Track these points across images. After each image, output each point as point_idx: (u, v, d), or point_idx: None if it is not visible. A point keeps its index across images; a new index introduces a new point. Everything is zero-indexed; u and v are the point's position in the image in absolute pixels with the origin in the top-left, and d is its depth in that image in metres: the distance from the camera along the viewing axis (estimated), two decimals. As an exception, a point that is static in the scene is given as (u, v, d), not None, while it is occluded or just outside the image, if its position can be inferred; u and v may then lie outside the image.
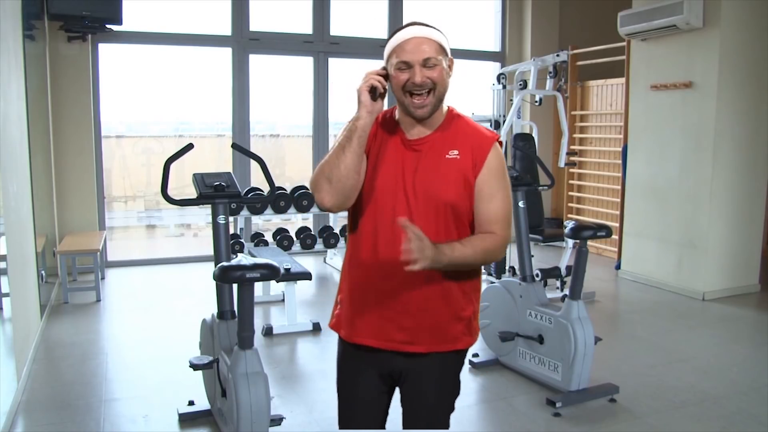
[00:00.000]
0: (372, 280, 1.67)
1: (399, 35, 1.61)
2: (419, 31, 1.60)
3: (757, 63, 5.21)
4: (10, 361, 3.21)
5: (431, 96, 1.60)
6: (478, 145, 1.65)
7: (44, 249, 4.94)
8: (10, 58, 3.63)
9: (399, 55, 1.58)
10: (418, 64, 1.57)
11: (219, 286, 2.86)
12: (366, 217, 1.67)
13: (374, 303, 1.68)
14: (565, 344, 3.23)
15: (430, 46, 1.58)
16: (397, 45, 1.60)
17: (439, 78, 1.59)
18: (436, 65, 1.59)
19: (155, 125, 7.36)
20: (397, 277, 1.62)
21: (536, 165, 5.15)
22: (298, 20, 6.77)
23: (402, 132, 1.68)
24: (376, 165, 1.66)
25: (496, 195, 1.65)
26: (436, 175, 1.62)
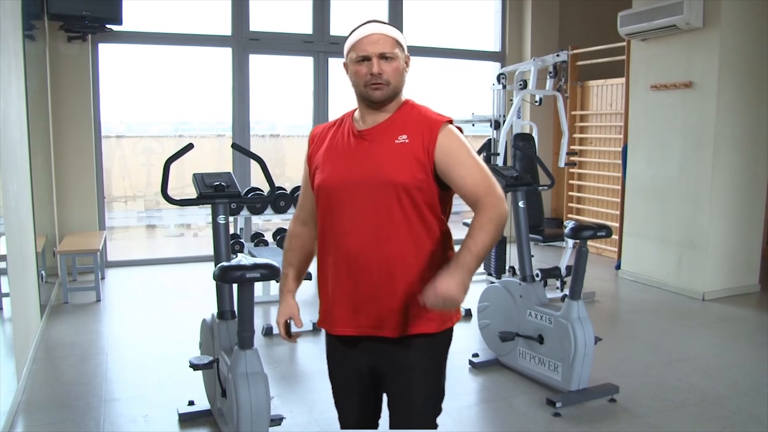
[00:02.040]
0: (337, 272, 1.73)
1: (357, 32, 1.70)
2: (376, 27, 1.69)
3: (757, 63, 5.21)
4: (10, 361, 3.21)
5: (387, 87, 1.68)
6: (427, 128, 1.68)
7: (44, 249, 4.94)
8: (10, 58, 3.63)
9: (357, 49, 1.68)
10: (375, 57, 1.66)
11: (219, 286, 2.86)
12: (325, 213, 1.74)
13: (341, 293, 1.73)
14: (565, 344, 3.23)
15: (386, 41, 1.67)
16: (356, 40, 1.69)
17: (393, 73, 1.67)
18: (392, 59, 1.67)
19: (155, 125, 7.36)
20: (358, 265, 1.68)
21: (536, 165, 5.15)
22: (298, 20, 6.77)
23: (353, 127, 1.75)
24: (327, 161, 1.74)
25: (462, 163, 1.64)
26: (386, 160, 1.66)
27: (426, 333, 1.71)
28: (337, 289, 1.74)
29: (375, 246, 1.67)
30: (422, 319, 1.70)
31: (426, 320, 1.70)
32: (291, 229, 1.94)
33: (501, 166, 5.04)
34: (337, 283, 1.74)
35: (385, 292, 1.68)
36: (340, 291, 1.74)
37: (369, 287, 1.69)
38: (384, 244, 1.66)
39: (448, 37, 7.48)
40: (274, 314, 4.84)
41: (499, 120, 5.87)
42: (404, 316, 1.69)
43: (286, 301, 1.87)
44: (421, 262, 1.69)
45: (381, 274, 1.68)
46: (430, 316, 1.70)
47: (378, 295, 1.69)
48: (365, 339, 1.74)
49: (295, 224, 1.93)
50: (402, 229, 1.66)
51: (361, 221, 1.67)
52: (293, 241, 1.92)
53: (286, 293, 1.89)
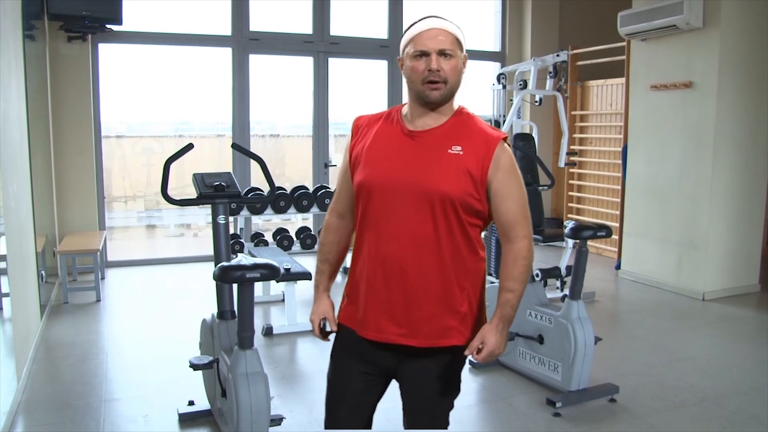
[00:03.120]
0: (372, 274, 1.68)
1: (417, 26, 1.64)
2: (437, 22, 1.63)
3: (757, 63, 5.21)
4: (10, 361, 3.21)
5: (445, 86, 1.62)
6: (483, 143, 1.64)
7: (44, 249, 4.94)
8: (10, 58, 3.63)
9: (416, 44, 1.61)
10: (435, 53, 1.60)
11: (219, 286, 2.86)
12: (366, 212, 1.69)
13: (374, 296, 1.69)
14: (565, 344, 3.23)
15: (446, 37, 1.61)
16: (415, 35, 1.63)
17: (450, 71, 1.61)
18: (452, 56, 1.61)
19: (155, 125, 7.36)
20: (394, 271, 1.64)
21: (536, 165, 5.15)
22: (298, 20, 6.77)
23: (403, 124, 1.68)
24: (370, 156, 1.68)
25: (511, 193, 1.66)
26: (435, 168, 1.62)
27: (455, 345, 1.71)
28: (370, 292, 1.69)
29: (414, 254, 1.63)
30: (453, 331, 1.69)
31: (456, 332, 1.70)
32: (327, 221, 1.86)
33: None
34: (371, 286, 1.69)
35: (420, 302, 1.65)
36: (372, 295, 1.69)
37: (404, 295, 1.65)
38: (424, 253, 1.63)
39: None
40: (275, 314, 4.84)
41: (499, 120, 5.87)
42: (435, 328, 1.67)
43: (321, 300, 1.83)
44: (458, 275, 1.67)
45: (417, 284, 1.64)
46: (460, 329, 1.70)
47: (412, 304, 1.65)
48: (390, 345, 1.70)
49: (331, 216, 1.85)
50: (443, 240, 1.63)
51: (403, 227, 1.62)
52: (330, 235, 1.85)
53: (322, 291, 1.84)
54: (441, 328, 1.68)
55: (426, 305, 1.66)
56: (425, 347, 1.68)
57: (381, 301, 1.67)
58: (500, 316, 1.65)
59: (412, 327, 1.67)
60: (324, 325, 1.82)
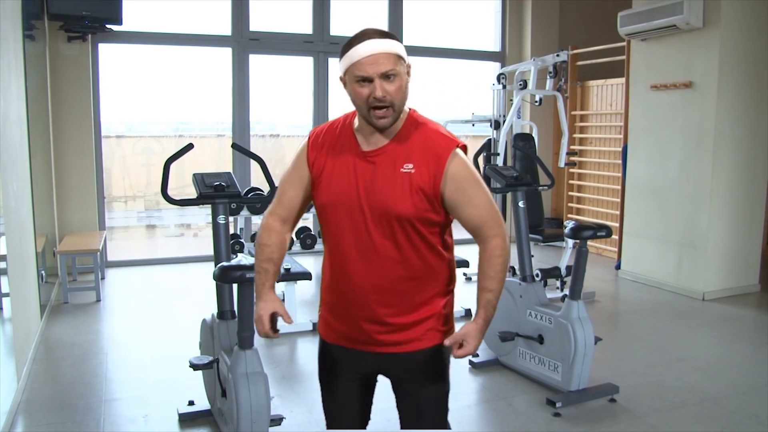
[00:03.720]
0: (340, 287, 1.71)
1: (357, 50, 1.57)
2: (376, 45, 1.57)
3: (757, 63, 5.21)
4: (10, 361, 3.21)
5: (391, 109, 1.59)
6: (434, 156, 1.62)
7: (44, 249, 4.94)
8: (10, 58, 3.63)
9: (358, 70, 1.57)
10: (378, 78, 1.57)
11: (219, 286, 2.86)
12: (328, 230, 1.71)
13: (344, 309, 1.72)
14: (565, 344, 3.23)
15: (388, 59, 1.57)
16: (356, 61, 1.57)
17: (398, 91, 1.59)
18: (395, 76, 1.58)
19: (155, 125, 7.37)
20: (366, 288, 1.66)
21: (536, 165, 5.15)
22: (298, 20, 6.77)
23: (357, 144, 1.67)
24: (331, 178, 1.68)
25: (473, 199, 1.65)
26: (390, 190, 1.61)
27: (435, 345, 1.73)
28: (345, 307, 1.72)
29: (383, 271, 1.65)
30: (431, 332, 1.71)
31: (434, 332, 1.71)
32: (268, 223, 1.80)
33: (501, 166, 5.04)
34: (346, 301, 1.71)
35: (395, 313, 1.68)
36: (348, 309, 1.71)
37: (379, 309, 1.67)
38: (392, 269, 1.65)
39: (448, 37, 7.48)
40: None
41: (499, 120, 5.87)
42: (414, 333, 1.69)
43: (269, 297, 1.77)
44: (427, 280, 1.70)
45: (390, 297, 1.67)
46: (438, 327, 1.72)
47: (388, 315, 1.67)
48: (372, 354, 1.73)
49: (273, 219, 1.80)
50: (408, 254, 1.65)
51: (367, 246, 1.64)
52: (273, 236, 1.79)
53: (269, 289, 1.78)
54: (419, 331, 1.70)
55: (402, 315, 1.68)
56: (407, 352, 1.70)
57: (358, 315, 1.69)
58: (484, 318, 1.67)
59: (391, 336, 1.69)
60: (275, 320, 1.78)
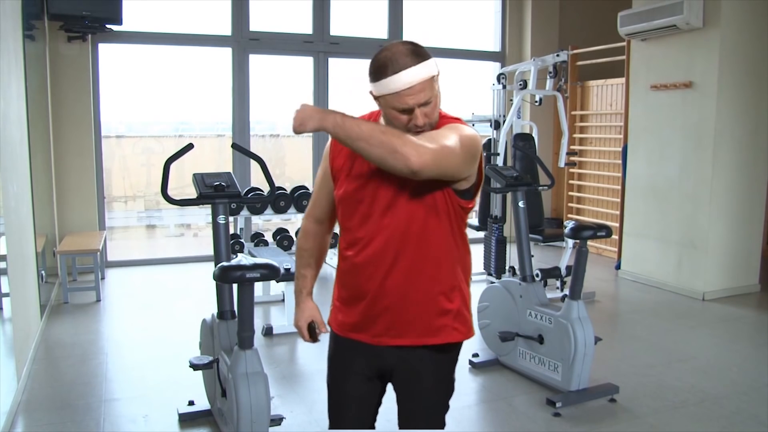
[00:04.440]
0: (358, 277, 1.69)
1: (394, 81, 1.52)
2: (415, 75, 1.52)
3: (757, 63, 5.21)
4: (10, 361, 3.21)
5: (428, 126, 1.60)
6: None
7: (44, 249, 4.94)
8: (10, 58, 3.63)
9: (398, 101, 1.54)
10: (418, 108, 1.56)
11: (219, 286, 2.86)
12: (347, 222, 1.70)
13: (361, 300, 1.69)
14: (565, 344, 3.23)
15: (427, 87, 1.55)
16: (396, 91, 1.53)
17: (434, 109, 1.59)
18: (432, 99, 1.57)
19: (155, 125, 7.37)
20: (381, 273, 1.64)
21: (536, 165, 5.15)
22: (298, 20, 6.77)
23: None
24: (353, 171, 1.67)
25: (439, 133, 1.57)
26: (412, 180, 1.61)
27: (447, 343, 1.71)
28: (361, 297, 1.69)
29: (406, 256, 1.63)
30: (446, 327, 1.70)
31: (450, 329, 1.70)
32: (306, 226, 1.87)
33: (501, 166, 5.04)
34: (362, 291, 1.68)
35: (414, 302, 1.66)
36: (364, 299, 1.69)
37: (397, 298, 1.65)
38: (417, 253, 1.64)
39: (448, 37, 7.48)
40: (275, 314, 4.84)
41: (499, 120, 5.86)
42: (429, 326, 1.68)
43: (306, 304, 1.84)
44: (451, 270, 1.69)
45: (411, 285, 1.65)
46: (454, 325, 1.70)
47: (406, 305, 1.66)
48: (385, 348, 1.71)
49: (309, 222, 1.86)
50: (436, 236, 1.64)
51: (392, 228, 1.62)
52: (310, 240, 1.85)
53: (306, 296, 1.85)
54: (434, 325, 1.69)
55: (420, 305, 1.67)
56: (419, 345, 1.69)
57: (373, 305, 1.68)
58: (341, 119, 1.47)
59: (406, 327, 1.67)
60: (313, 327, 1.83)
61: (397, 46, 1.57)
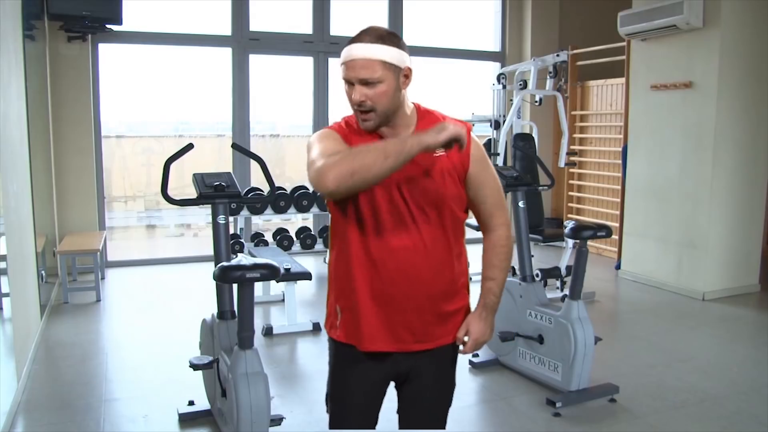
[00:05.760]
0: (367, 284, 1.65)
1: (346, 51, 1.58)
2: (363, 50, 1.53)
3: (757, 63, 5.21)
4: (10, 361, 3.21)
5: (373, 113, 1.58)
6: None
7: (44, 249, 4.94)
8: (10, 58, 3.63)
9: (343, 72, 1.59)
10: (357, 83, 1.56)
11: (219, 286, 2.86)
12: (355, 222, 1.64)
13: (378, 308, 1.66)
14: (565, 344, 3.23)
15: (371, 66, 1.53)
16: (343, 61, 1.58)
17: (378, 98, 1.55)
18: (377, 83, 1.55)
19: (155, 125, 7.36)
20: (392, 280, 1.63)
21: (536, 165, 5.15)
22: (298, 20, 6.77)
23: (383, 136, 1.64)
24: None
25: (488, 182, 1.70)
26: (430, 175, 1.61)
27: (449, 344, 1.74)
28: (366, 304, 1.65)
29: (415, 261, 1.62)
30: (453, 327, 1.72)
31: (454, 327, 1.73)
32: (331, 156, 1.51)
33: (501, 166, 5.05)
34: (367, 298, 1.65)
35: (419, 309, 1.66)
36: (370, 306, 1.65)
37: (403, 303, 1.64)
38: (431, 257, 1.63)
39: (448, 37, 7.48)
40: (275, 314, 4.83)
41: (499, 120, 5.87)
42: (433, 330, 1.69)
43: None
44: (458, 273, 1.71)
45: (417, 290, 1.64)
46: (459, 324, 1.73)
47: (411, 311, 1.65)
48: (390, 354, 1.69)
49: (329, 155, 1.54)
50: (442, 243, 1.65)
51: (402, 236, 1.61)
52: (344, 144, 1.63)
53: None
54: (439, 329, 1.70)
55: (425, 311, 1.66)
56: (423, 350, 1.69)
57: (379, 311, 1.66)
58: (483, 305, 1.70)
59: (412, 333, 1.67)
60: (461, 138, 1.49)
61: (374, 28, 1.59)
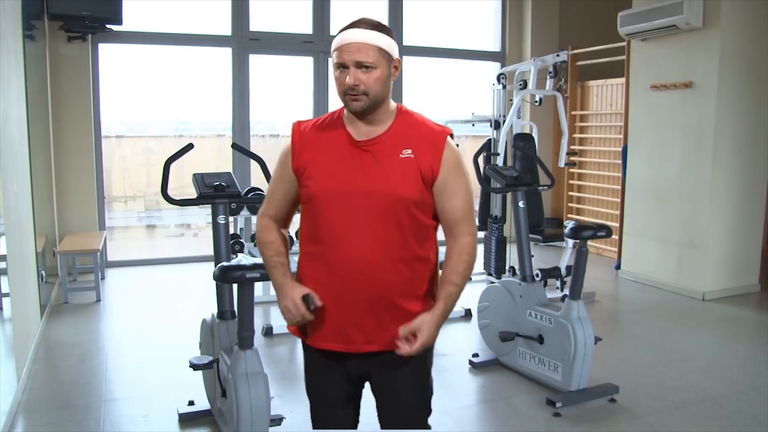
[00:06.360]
0: (330, 285, 1.66)
1: (341, 36, 1.62)
2: (360, 35, 1.60)
3: (757, 63, 5.21)
4: (10, 361, 3.21)
5: (365, 97, 1.60)
6: (431, 142, 1.65)
7: (44, 249, 4.94)
8: (10, 58, 3.63)
9: (338, 56, 1.61)
10: (352, 67, 1.59)
11: (219, 286, 2.86)
12: (318, 222, 1.67)
13: (332, 307, 1.67)
14: (565, 344, 3.23)
15: (367, 50, 1.59)
16: (338, 46, 1.62)
17: (372, 83, 1.59)
18: (372, 68, 1.59)
19: (155, 125, 7.36)
20: (357, 280, 1.64)
21: (536, 165, 5.15)
22: (298, 20, 6.77)
23: (349, 133, 1.67)
24: (323, 168, 1.66)
25: (458, 191, 1.67)
26: (392, 175, 1.62)
27: None
28: (332, 304, 1.67)
29: (377, 261, 1.62)
30: None
31: None
32: (264, 223, 1.79)
33: (501, 166, 5.04)
34: (333, 298, 1.66)
35: (385, 308, 1.66)
36: (335, 306, 1.67)
37: (368, 303, 1.65)
38: (387, 259, 1.63)
39: (448, 37, 7.48)
40: (275, 314, 4.83)
41: (499, 120, 5.86)
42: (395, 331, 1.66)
43: (292, 283, 1.70)
44: (420, 275, 1.70)
45: (381, 290, 1.64)
46: None
47: (377, 310, 1.66)
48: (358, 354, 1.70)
49: (266, 219, 1.80)
50: (405, 244, 1.64)
51: (366, 235, 1.62)
52: (272, 233, 1.77)
53: (290, 278, 1.71)
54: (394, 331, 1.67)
55: (391, 310, 1.66)
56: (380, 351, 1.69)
57: (345, 311, 1.67)
58: (442, 310, 1.65)
59: (378, 332, 1.67)
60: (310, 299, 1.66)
61: (367, 18, 1.65)
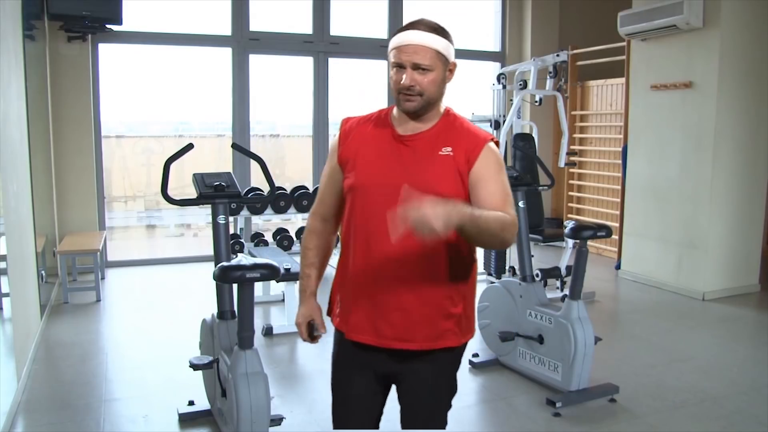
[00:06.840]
0: (365, 276, 1.68)
1: (400, 36, 1.63)
2: (418, 37, 1.61)
3: (757, 63, 5.21)
4: (10, 361, 3.21)
5: (419, 98, 1.62)
6: (471, 144, 1.66)
7: (44, 249, 4.94)
8: (10, 58, 3.63)
9: (395, 56, 1.63)
10: (409, 67, 1.60)
11: (219, 286, 2.86)
12: (358, 214, 1.68)
13: (367, 300, 1.68)
14: (565, 344, 3.23)
15: (425, 53, 1.60)
16: (396, 45, 1.63)
17: (427, 85, 1.61)
18: (428, 71, 1.61)
19: (155, 125, 7.36)
20: (388, 274, 1.64)
21: (536, 165, 5.15)
22: (298, 20, 6.77)
23: (393, 128, 1.69)
24: (365, 160, 1.68)
25: (494, 179, 1.64)
26: (429, 170, 1.63)
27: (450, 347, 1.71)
28: (365, 296, 1.68)
29: (411, 256, 1.62)
30: (448, 332, 1.69)
31: (452, 334, 1.70)
32: (311, 225, 1.85)
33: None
34: (366, 290, 1.68)
35: (417, 305, 1.65)
36: (367, 298, 1.68)
37: (400, 298, 1.65)
38: (421, 255, 1.62)
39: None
40: (275, 314, 4.84)
41: (499, 120, 5.87)
42: (432, 330, 1.67)
43: (308, 303, 1.82)
44: (455, 275, 1.68)
45: (414, 286, 1.64)
46: (455, 330, 1.70)
47: (409, 307, 1.65)
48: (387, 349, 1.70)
49: (314, 220, 1.84)
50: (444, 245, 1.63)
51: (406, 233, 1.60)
52: (314, 239, 1.84)
53: (309, 295, 1.83)
54: (437, 330, 1.68)
55: (423, 308, 1.66)
56: (421, 350, 1.68)
57: (377, 304, 1.67)
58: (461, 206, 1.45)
59: (408, 330, 1.66)
60: (312, 326, 1.81)
61: (427, 19, 1.67)
